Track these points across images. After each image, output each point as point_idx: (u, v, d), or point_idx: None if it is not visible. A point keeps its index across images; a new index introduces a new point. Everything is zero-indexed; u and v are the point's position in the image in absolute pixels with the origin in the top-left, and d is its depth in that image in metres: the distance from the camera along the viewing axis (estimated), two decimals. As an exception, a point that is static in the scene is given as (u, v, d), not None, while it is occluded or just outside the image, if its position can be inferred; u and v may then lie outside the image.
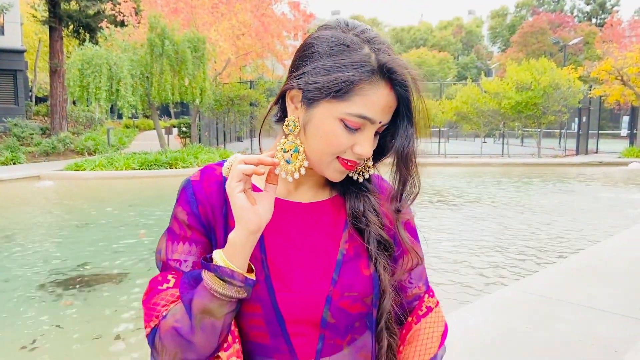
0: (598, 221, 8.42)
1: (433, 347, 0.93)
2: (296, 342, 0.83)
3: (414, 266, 0.93)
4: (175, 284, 0.82)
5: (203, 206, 0.84)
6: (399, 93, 0.79)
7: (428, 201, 10.45)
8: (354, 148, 0.80)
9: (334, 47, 0.78)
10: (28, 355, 3.70)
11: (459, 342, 3.36)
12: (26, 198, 11.10)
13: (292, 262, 0.84)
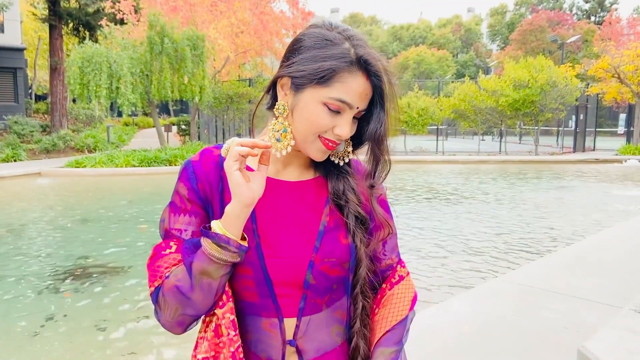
0: (589, 217, 8.55)
1: (404, 310, 1.05)
2: (282, 301, 0.95)
3: (387, 237, 1.05)
4: (176, 250, 0.94)
5: (202, 183, 0.96)
6: (373, 82, 0.91)
7: (423, 197, 10.58)
8: (334, 129, 0.92)
9: (319, 42, 0.91)
10: (37, 342, 3.83)
11: (449, 329, 3.49)
12: (28, 195, 11.21)
13: (280, 231, 0.96)
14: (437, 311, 3.94)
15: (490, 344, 3.27)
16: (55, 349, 3.72)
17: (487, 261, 5.95)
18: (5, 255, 6.35)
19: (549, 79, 19.05)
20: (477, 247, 6.57)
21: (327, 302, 0.99)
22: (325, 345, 1.00)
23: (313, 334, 0.98)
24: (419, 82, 27.70)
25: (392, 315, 1.03)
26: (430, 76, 51.38)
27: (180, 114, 46.53)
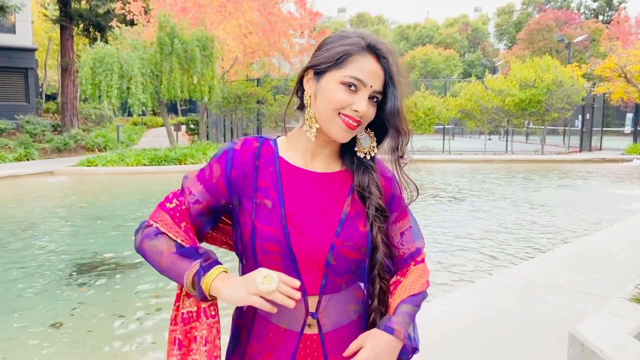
0: (592, 215, 8.67)
1: (424, 284, 1.20)
2: (306, 278, 1.08)
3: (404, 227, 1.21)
4: (174, 208, 1.13)
5: (236, 170, 1.11)
6: (382, 64, 1.06)
7: (429, 195, 10.73)
8: (352, 106, 1.04)
9: (336, 38, 1.10)
10: (58, 332, 4.04)
11: (453, 320, 3.66)
12: (42, 192, 11.47)
13: (305, 216, 1.09)
14: (441, 304, 4.10)
15: (491, 334, 3.44)
16: (77, 338, 3.93)
17: (490, 257, 6.11)
18: (23, 250, 6.58)
19: (555, 78, 19.10)
20: (480, 244, 6.73)
21: (346, 282, 1.12)
22: (342, 321, 1.13)
23: (332, 310, 1.11)
24: (425, 81, 27.80)
25: (416, 285, 1.18)
26: (437, 76, 51.40)
27: (188, 113, 46.89)
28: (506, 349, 3.22)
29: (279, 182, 1.10)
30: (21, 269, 5.71)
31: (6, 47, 24.29)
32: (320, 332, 1.11)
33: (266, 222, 1.07)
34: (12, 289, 5.06)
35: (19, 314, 4.42)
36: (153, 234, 1.11)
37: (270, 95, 20.11)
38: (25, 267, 5.82)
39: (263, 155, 1.12)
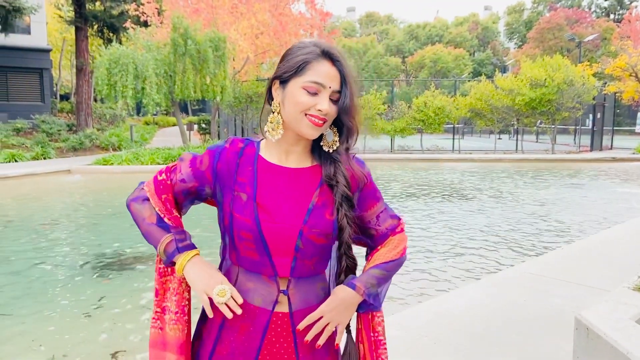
0: (600, 213, 8.76)
1: (399, 252, 1.34)
2: (276, 260, 1.22)
3: (379, 211, 1.36)
4: (162, 183, 1.32)
5: (221, 164, 1.27)
6: (337, 66, 1.21)
7: (436, 194, 10.87)
8: (315, 107, 1.19)
9: (294, 49, 1.25)
10: (91, 321, 4.26)
11: (463, 311, 3.83)
12: (60, 190, 11.76)
13: (277, 205, 1.23)
14: (452, 297, 4.27)
15: (500, 323, 3.60)
16: (106, 326, 4.14)
17: (499, 254, 6.25)
18: (46, 245, 6.83)
19: (565, 77, 19.12)
20: (488, 241, 6.87)
21: (314, 264, 1.27)
22: (311, 300, 1.27)
23: (302, 288, 1.25)
24: (435, 81, 27.83)
25: (390, 253, 1.33)
26: (446, 75, 51.30)
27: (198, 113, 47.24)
28: (515, 337, 3.39)
29: (255, 178, 1.25)
30: (46, 263, 5.96)
31: (22, 47, 24.73)
32: (290, 309, 1.24)
33: (241, 212, 1.22)
34: (39, 281, 5.30)
35: (47, 304, 4.64)
36: (141, 199, 1.33)
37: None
38: (49, 260, 6.07)
39: (245, 154, 1.29)
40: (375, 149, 21.00)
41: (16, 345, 3.83)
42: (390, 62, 54.08)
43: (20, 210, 9.46)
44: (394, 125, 20.81)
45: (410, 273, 5.46)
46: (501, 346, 3.26)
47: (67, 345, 3.81)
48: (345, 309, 1.25)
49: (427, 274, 5.48)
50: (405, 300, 4.65)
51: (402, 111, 21.22)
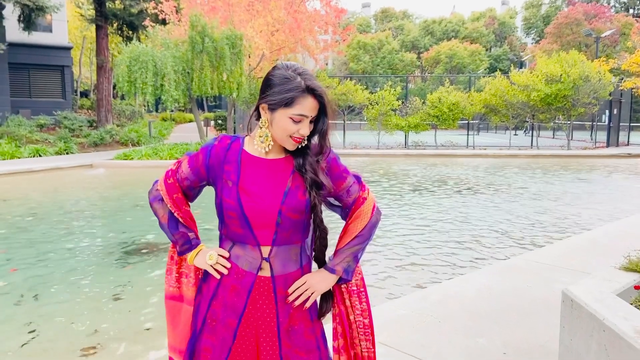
0: (612, 207, 8.87)
1: (367, 216, 1.62)
2: (259, 233, 1.52)
3: (347, 187, 1.63)
4: (171, 185, 1.64)
5: (212, 159, 1.58)
6: (318, 100, 1.50)
7: (450, 188, 11.04)
8: (299, 131, 1.49)
9: (281, 80, 1.50)
10: (117, 303, 4.59)
11: (470, 294, 4.05)
12: (84, 183, 12.19)
13: (259, 190, 1.52)
14: (458, 281, 4.50)
15: (505, 306, 3.82)
16: (132, 306, 4.46)
17: (506, 245, 6.44)
18: (73, 234, 7.20)
19: (581, 73, 19.06)
20: (497, 232, 7.06)
21: (290, 235, 1.55)
22: (289, 265, 1.55)
23: (281, 255, 1.54)
24: (450, 77, 27.84)
25: (358, 226, 1.62)
26: (462, 71, 51.05)
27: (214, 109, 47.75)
28: (515, 316, 3.61)
29: (239, 168, 1.54)
30: (74, 250, 6.32)
31: (44, 45, 25.34)
32: (272, 273, 1.54)
33: (228, 196, 1.52)
34: (69, 267, 5.65)
35: (79, 288, 4.98)
36: (158, 199, 1.67)
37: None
38: (77, 248, 6.42)
39: (232, 149, 1.58)
40: (389, 145, 21.15)
41: (56, 324, 4.17)
42: (406, 58, 53.94)
43: (46, 201, 9.88)
44: (408, 121, 20.93)
45: (418, 263, 5.69)
46: (501, 324, 3.49)
47: (102, 322, 4.13)
48: (324, 283, 1.58)
49: (437, 261, 5.70)
50: (414, 286, 4.88)
51: (417, 107, 21.33)
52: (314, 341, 1.58)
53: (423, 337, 3.29)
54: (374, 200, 1.66)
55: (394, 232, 7.08)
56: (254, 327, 1.54)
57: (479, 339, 3.28)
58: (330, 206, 1.68)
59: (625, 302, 2.21)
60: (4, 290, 4.90)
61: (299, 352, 1.54)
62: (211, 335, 1.55)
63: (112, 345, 3.72)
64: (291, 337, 1.55)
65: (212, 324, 1.55)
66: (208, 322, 1.56)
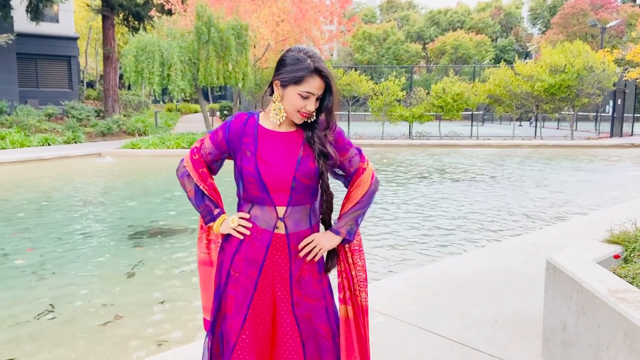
0: (610, 194, 9.03)
1: (367, 185, 1.84)
2: (275, 196, 1.73)
3: (350, 157, 1.85)
4: (197, 160, 1.85)
5: (231, 134, 1.80)
6: (324, 80, 1.72)
7: (449, 177, 11.22)
8: (306, 107, 1.70)
9: (293, 61, 1.72)
10: (139, 278, 4.83)
11: (466, 272, 4.26)
12: (93, 171, 12.44)
13: (274, 158, 1.73)
14: (455, 260, 4.71)
15: (500, 282, 4.03)
16: (146, 282, 4.70)
17: (504, 228, 6.64)
18: (86, 219, 7.45)
19: (586, 63, 19.09)
20: (496, 217, 7.25)
21: (302, 198, 1.77)
22: (300, 224, 1.77)
23: (294, 215, 1.76)
24: (455, 67, 27.86)
25: (359, 193, 1.84)
26: (467, 61, 50.89)
27: (218, 100, 47.94)
28: (508, 290, 3.82)
29: (256, 140, 1.75)
30: (87, 234, 6.57)
31: (50, 36, 25.55)
32: (286, 231, 1.76)
33: (247, 164, 1.73)
34: (83, 249, 5.90)
35: (94, 267, 5.22)
36: (186, 175, 1.87)
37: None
38: (89, 231, 6.68)
39: (249, 123, 1.79)
40: (393, 135, 21.30)
41: (73, 299, 4.41)
42: (411, 49, 53.79)
43: (58, 188, 10.14)
44: (412, 111, 21.05)
45: (421, 243, 5.90)
46: (494, 297, 3.70)
47: (118, 297, 4.38)
48: (329, 242, 1.81)
49: (436, 242, 5.91)
50: (412, 265, 5.10)
51: (421, 97, 21.43)
52: (321, 291, 1.80)
53: (420, 308, 3.51)
54: (372, 170, 1.88)
55: (395, 216, 7.29)
56: (270, 277, 1.77)
57: (472, 309, 3.49)
58: (335, 175, 1.89)
59: (602, 267, 2.41)
60: (23, 268, 5.15)
61: (308, 299, 1.78)
62: (235, 286, 1.77)
63: (128, 318, 3.96)
64: (301, 286, 1.78)
65: (235, 275, 1.77)
66: (232, 275, 1.78)
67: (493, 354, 2.89)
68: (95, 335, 3.67)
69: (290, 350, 1.76)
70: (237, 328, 1.74)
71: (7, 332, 3.73)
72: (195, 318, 3.90)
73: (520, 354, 2.87)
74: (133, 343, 3.53)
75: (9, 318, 3.97)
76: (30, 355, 3.38)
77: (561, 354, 2.47)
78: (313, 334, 1.78)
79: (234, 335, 1.74)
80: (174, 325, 3.81)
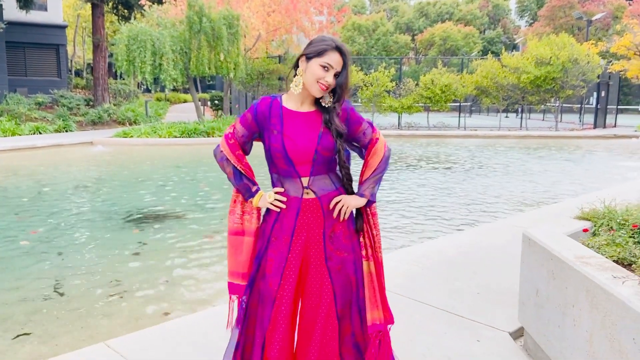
0: (588, 181, 9.41)
1: (381, 152, 2.11)
2: (299, 168, 2.00)
3: (364, 130, 2.11)
4: (233, 144, 2.09)
5: (258, 115, 2.04)
6: (343, 57, 1.98)
7: (431, 166, 11.54)
8: (324, 78, 1.94)
9: (319, 39, 2.01)
10: (140, 258, 5.07)
11: (451, 250, 4.56)
12: (86, 159, 12.57)
13: (298, 134, 1.99)
14: (442, 240, 5.02)
15: (484, 260, 4.34)
16: (150, 265, 4.94)
17: (485, 213, 6.96)
18: (85, 203, 7.64)
19: (570, 56, 19.49)
20: (484, 202, 7.58)
21: (322, 168, 2.04)
22: (325, 188, 2.04)
23: (317, 183, 2.03)
24: (443, 59, 28.13)
25: (377, 157, 2.11)
26: (456, 53, 51.22)
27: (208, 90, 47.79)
28: (489, 266, 4.13)
29: (281, 120, 2.01)
30: (86, 219, 6.77)
31: (39, 24, 25.37)
32: (317, 195, 2.04)
33: (275, 141, 1.99)
34: (84, 232, 6.11)
35: (98, 249, 5.44)
36: (224, 159, 2.10)
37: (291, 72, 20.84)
38: (88, 216, 6.88)
39: (274, 105, 2.03)
40: (383, 126, 21.58)
41: (80, 277, 4.65)
42: (400, 40, 54.01)
43: (53, 175, 10.28)
44: (401, 102, 21.34)
45: (406, 226, 6.20)
46: (477, 272, 4.01)
47: (123, 275, 4.61)
48: (355, 202, 2.08)
49: (423, 225, 6.22)
50: (399, 246, 5.40)
51: (410, 88, 21.72)
52: (350, 245, 2.08)
53: (408, 281, 3.80)
54: (384, 139, 2.16)
55: (385, 200, 7.59)
56: (303, 238, 2.04)
57: (456, 282, 3.79)
58: (352, 147, 2.16)
59: (571, 239, 2.71)
60: (28, 249, 5.36)
61: (339, 253, 2.05)
62: (273, 250, 2.05)
63: (134, 293, 4.21)
64: (333, 242, 2.05)
65: (274, 240, 2.05)
66: (272, 240, 2.05)
67: (474, 319, 3.19)
68: (103, 308, 3.92)
69: (323, 300, 2.04)
70: (276, 284, 2.02)
71: (17, 307, 3.96)
72: (199, 289, 4.16)
73: (499, 319, 3.18)
74: (139, 315, 3.78)
75: (20, 294, 4.20)
76: (41, 327, 3.62)
77: (534, 316, 2.77)
78: (343, 284, 2.05)
79: (274, 291, 2.02)
80: (176, 300, 4.07)
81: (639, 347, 1.85)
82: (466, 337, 2.98)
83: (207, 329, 3.06)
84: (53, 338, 3.44)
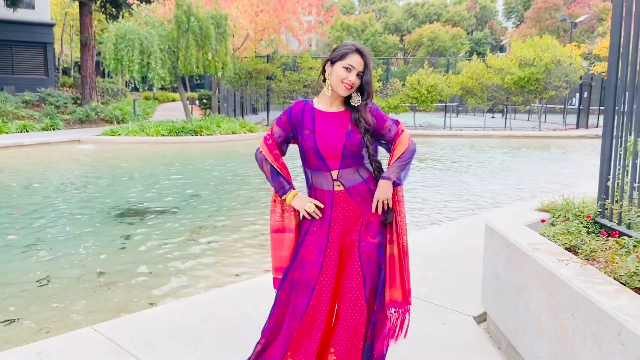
0: (567, 179, 9.70)
1: (406, 142, 2.28)
2: (329, 162, 2.19)
3: (389, 127, 2.29)
4: (271, 144, 2.28)
5: (292, 118, 2.25)
6: (363, 58, 2.20)
7: (425, 164, 11.78)
8: (348, 78, 2.14)
9: (341, 45, 2.23)
10: (126, 251, 5.22)
11: (431, 244, 4.77)
12: (74, 157, 12.63)
13: (328, 132, 2.19)
14: (419, 234, 5.23)
15: (461, 252, 4.55)
16: (133, 258, 5.09)
17: (466, 209, 7.20)
18: (72, 200, 7.75)
19: (553, 57, 19.88)
20: (464, 198, 7.82)
21: (350, 162, 2.22)
22: (354, 181, 2.23)
23: (345, 175, 2.22)
24: (431, 59, 28.47)
25: (400, 149, 2.28)
26: (444, 54, 51.68)
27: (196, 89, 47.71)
28: (466, 260, 4.34)
29: (313, 120, 2.22)
30: (74, 214, 6.89)
31: (26, 22, 25.24)
32: (345, 187, 2.23)
33: (307, 139, 2.20)
34: (73, 227, 6.23)
35: (86, 243, 5.58)
36: (263, 159, 2.28)
37: (279, 72, 21.06)
38: (77, 212, 7.00)
39: (306, 109, 2.25)
40: (369, 125, 21.80)
41: (67, 269, 4.79)
42: (388, 41, 54.38)
43: (41, 172, 10.36)
44: (388, 102, 21.59)
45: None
46: (450, 263, 4.22)
47: (110, 266, 4.76)
48: (385, 190, 2.23)
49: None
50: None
51: (396, 89, 21.98)
52: (379, 231, 2.26)
53: (383, 271, 3.99)
54: (408, 133, 2.34)
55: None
56: (339, 227, 2.24)
57: (429, 272, 4.00)
58: (380, 143, 2.35)
59: (528, 228, 2.92)
60: (16, 242, 5.48)
61: (370, 238, 2.24)
62: (313, 239, 2.24)
63: (119, 284, 4.36)
64: (367, 228, 2.24)
65: (313, 230, 2.24)
66: (311, 230, 2.25)
67: (443, 305, 3.39)
68: (90, 298, 4.07)
69: (353, 283, 2.23)
70: (316, 272, 2.21)
71: (6, 296, 4.10)
72: (182, 280, 4.33)
73: (465, 304, 3.39)
74: (125, 303, 3.95)
75: (10, 285, 4.33)
76: (29, 314, 3.76)
77: (495, 299, 2.98)
78: (371, 268, 2.24)
79: (314, 279, 2.21)
80: (161, 290, 4.23)
81: (577, 321, 2.06)
82: (433, 321, 3.19)
83: (188, 314, 3.24)
84: (42, 323, 3.59)
